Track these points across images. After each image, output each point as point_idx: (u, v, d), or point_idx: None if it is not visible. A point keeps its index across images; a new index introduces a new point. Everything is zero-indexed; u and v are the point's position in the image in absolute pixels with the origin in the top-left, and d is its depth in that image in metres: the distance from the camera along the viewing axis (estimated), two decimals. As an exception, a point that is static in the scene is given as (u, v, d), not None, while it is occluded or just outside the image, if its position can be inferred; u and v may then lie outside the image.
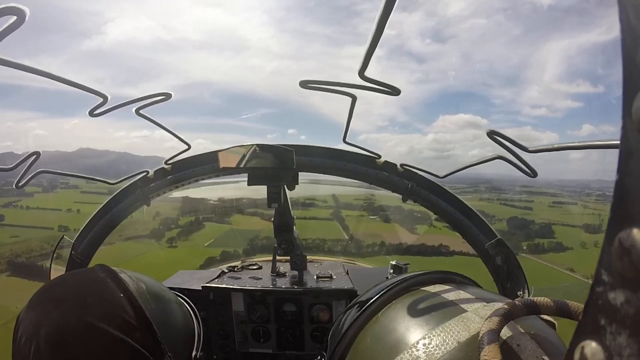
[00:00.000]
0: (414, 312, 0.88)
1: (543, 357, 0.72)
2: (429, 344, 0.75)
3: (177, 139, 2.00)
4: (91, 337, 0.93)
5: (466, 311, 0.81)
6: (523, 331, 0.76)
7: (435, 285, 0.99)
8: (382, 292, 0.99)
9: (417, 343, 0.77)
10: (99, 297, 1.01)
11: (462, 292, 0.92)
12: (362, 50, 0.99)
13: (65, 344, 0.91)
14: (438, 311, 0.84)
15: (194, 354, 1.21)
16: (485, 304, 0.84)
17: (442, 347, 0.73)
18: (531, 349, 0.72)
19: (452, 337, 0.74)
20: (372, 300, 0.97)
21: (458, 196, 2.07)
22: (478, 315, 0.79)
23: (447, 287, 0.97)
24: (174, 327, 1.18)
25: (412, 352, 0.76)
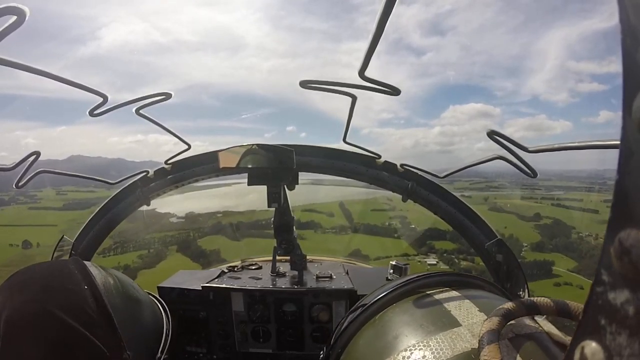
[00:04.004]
0: (408, 318, 0.85)
1: None
2: (409, 357, 0.73)
3: (173, 143, 1.99)
4: (48, 324, 0.93)
5: (460, 325, 0.77)
6: (518, 357, 0.71)
7: (444, 289, 0.94)
8: (385, 292, 0.95)
9: (398, 354, 0.75)
10: (62, 287, 1.01)
11: (467, 301, 0.86)
12: (361, 45, 0.99)
13: (22, 327, 0.92)
14: (431, 321, 0.80)
15: (158, 355, 1.18)
16: (485, 317, 0.79)
17: None
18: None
19: (432, 355, 0.71)
20: (373, 301, 0.95)
21: (458, 196, 2.07)
22: (471, 332, 0.74)
23: (455, 293, 0.91)
24: (139, 326, 1.17)
25: None
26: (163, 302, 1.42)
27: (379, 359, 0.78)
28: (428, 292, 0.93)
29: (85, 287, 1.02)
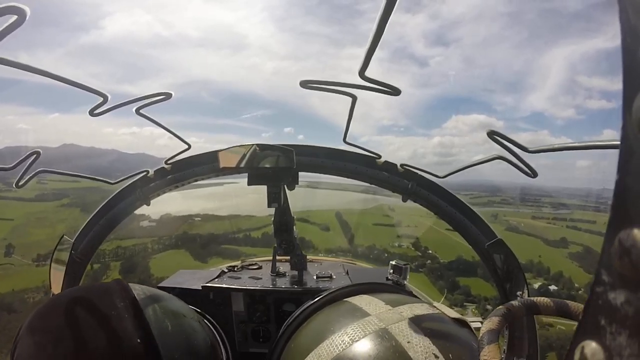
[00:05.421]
0: (329, 319, 1.08)
1: (434, 353, 0.81)
2: (331, 344, 0.94)
3: (168, 137, 1.98)
4: None
5: (369, 315, 0.99)
6: (418, 329, 0.88)
7: (357, 296, 1.16)
8: (309, 304, 1.23)
9: (323, 343, 0.95)
10: (109, 341, 0.81)
11: (376, 299, 1.09)
12: (363, 51, 0.99)
13: None
14: (347, 317, 1.02)
15: None
16: (390, 308, 1.01)
17: (340, 346, 0.92)
18: (422, 346, 0.83)
19: (349, 338, 0.92)
20: (299, 312, 1.24)
21: (458, 196, 2.07)
22: (379, 318, 0.96)
23: (366, 296, 1.13)
24: None
25: (318, 350, 0.95)
26: (222, 332, 1.34)
27: (308, 352, 0.97)
28: (345, 300, 1.16)
29: (138, 340, 0.83)
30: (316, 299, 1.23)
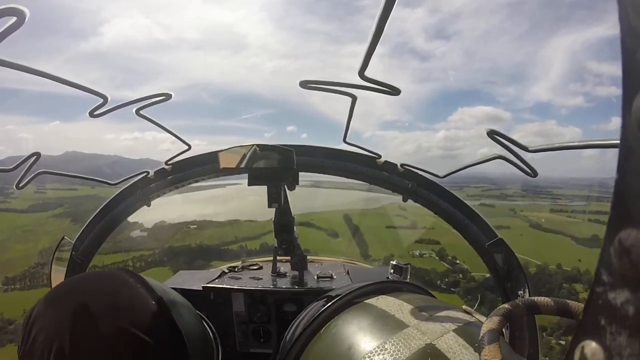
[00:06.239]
0: (356, 328, 0.86)
1: None
2: None
3: (170, 142, 1.99)
4: (124, 342, 0.82)
5: (408, 326, 0.80)
6: (466, 344, 0.75)
7: (380, 297, 0.97)
8: (323, 308, 0.97)
9: None
10: (130, 302, 0.89)
11: (406, 304, 0.90)
12: (363, 48, 0.99)
13: (95, 348, 0.80)
14: (380, 327, 0.82)
15: None
16: (427, 315, 0.85)
17: None
18: None
19: (391, 357, 0.73)
20: (315, 316, 0.96)
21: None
22: (420, 330, 0.78)
23: (391, 299, 0.95)
24: (200, 343, 1.10)
25: None
26: (207, 320, 1.38)
27: None
28: (366, 302, 0.96)
29: (153, 302, 0.90)
30: (335, 299, 1.00)
